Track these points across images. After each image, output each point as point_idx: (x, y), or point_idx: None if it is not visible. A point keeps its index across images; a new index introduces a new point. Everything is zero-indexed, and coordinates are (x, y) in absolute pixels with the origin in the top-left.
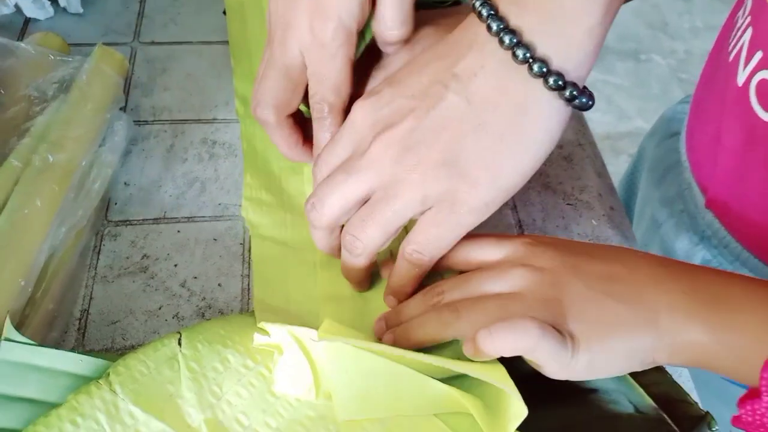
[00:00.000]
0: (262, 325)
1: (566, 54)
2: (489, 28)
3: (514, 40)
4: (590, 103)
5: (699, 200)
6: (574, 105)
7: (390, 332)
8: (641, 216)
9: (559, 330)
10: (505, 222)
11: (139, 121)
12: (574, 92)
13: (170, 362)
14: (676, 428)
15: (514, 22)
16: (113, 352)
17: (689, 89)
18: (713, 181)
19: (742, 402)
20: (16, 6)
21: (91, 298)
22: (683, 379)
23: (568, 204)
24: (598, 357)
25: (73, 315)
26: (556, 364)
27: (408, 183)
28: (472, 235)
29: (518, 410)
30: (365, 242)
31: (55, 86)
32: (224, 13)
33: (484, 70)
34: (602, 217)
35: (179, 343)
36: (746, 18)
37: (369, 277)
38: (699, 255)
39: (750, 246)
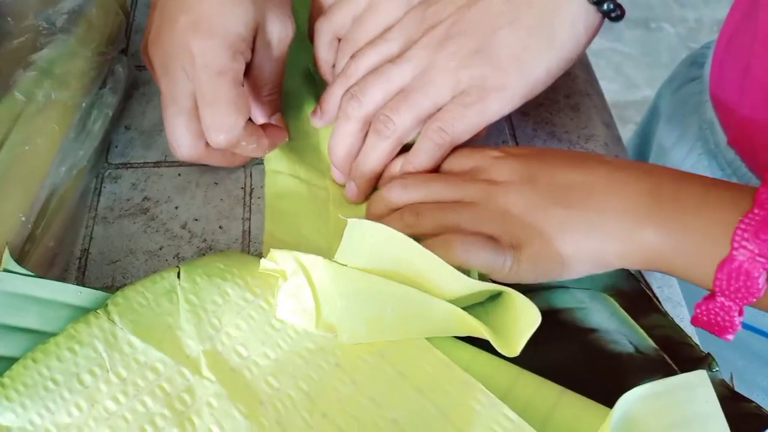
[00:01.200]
0: (271, 251)
1: None
2: None
3: None
4: (618, 11)
5: (721, 138)
6: (602, 11)
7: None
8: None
9: (502, 239)
10: None
11: (140, 66)
12: None
13: (169, 295)
14: (676, 368)
15: None
16: (113, 290)
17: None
18: (737, 117)
19: (698, 303)
20: None
21: (91, 237)
22: (685, 323)
23: None
24: (542, 262)
25: (73, 254)
26: (496, 272)
27: (444, 69)
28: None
29: (531, 318)
30: (397, 124)
31: (63, 17)
32: None
33: None
34: None
35: (178, 276)
36: None
37: (376, 179)
38: None
39: None
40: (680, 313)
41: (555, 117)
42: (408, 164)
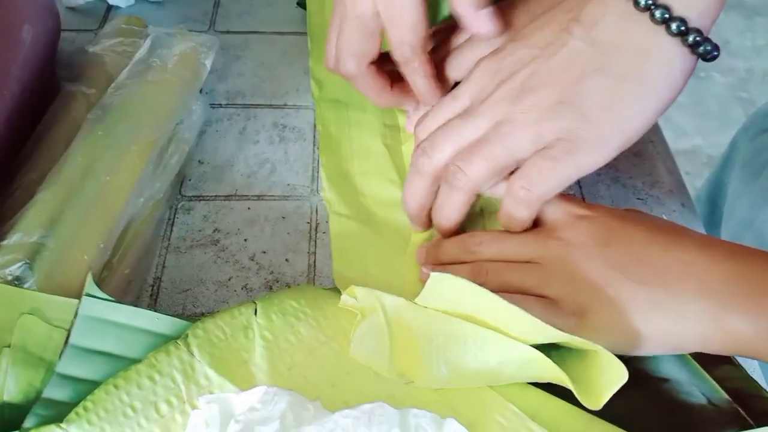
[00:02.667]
0: (351, 287)
1: (689, 2)
2: None
3: None
4: (715, 52)
5: None
6: (697, 53)
7: (428, 270)
8: (731, 213)
9: (565, 305)
10: None
11: (214, 104)
12: (698, 38)
13: (245, 330)
14: (751, 421)
15: None
16: (186, 317)
17: (749, 109)
18: None
19: None
20: None
21: (164, 266)
22: (756, 374)
23: (638, 199)
24: (607, 335)
25: (146, 282)
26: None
27: (523, 121)
28: None
29: (617, 374)
30: (470, 175)
31: (146, 71)
32: (297, 4)
33: (605, 18)
34: (673, 212)
35: (255, 313)
36: None
37: (455, 230)
38: None
39: None
40: (752, 365)
41: (619, 162)
42: (492, 241)
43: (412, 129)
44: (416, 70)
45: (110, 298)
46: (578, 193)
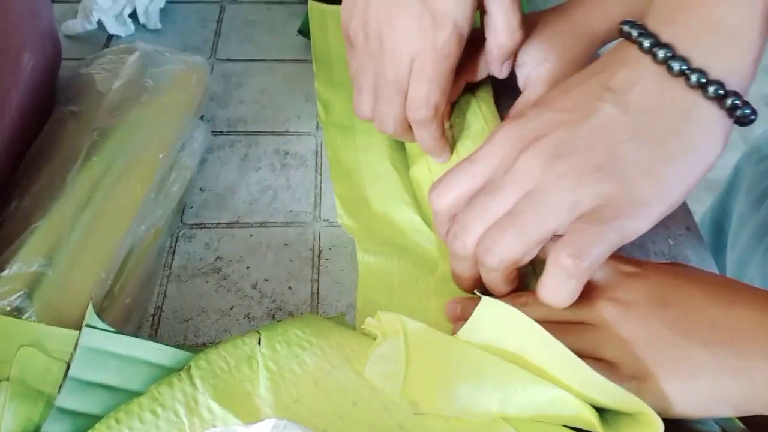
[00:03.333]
0: (379, 313)
1: (725, 65)
2: (640, 45)
3: (669, 54)
4: (753, 116)
5: None
6: (735, 116)
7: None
8: (737, 237)
9: (623, 368)
10: None
11: (216, 131)
12: (736, 101)
13: (249, 361)
14: None
15: (666, 38)
16: (187, 347)
17: (747, 134)
18: None
19: None
20: (99, 22)
21: (165, 296)
22: None
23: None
24: (670, 401)
25: (147, 311)
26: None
27: (557, 188)
28: None
29: (653, 428)
30: (501, 253)
31: (140, 92)
32: (298, 32)
33: (640, 83)
34: (678, 236)
35: (259, 343)
36: None
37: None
38: None
39: None
40: None
41: None
42: (540, 302)
43: None
44: (432, 131)
45: (111, 328)
46: None
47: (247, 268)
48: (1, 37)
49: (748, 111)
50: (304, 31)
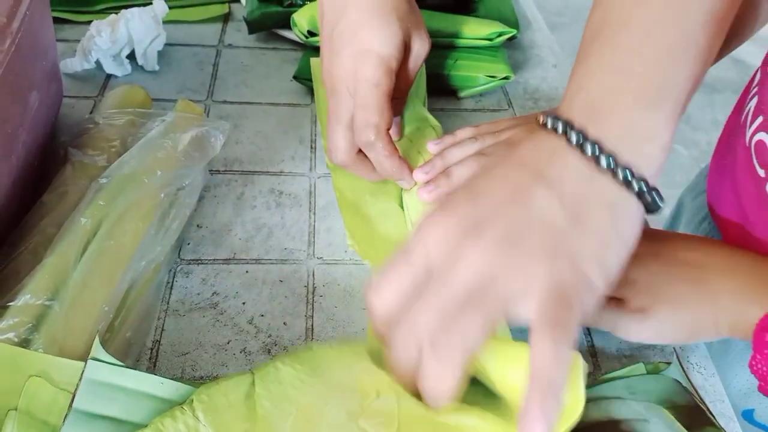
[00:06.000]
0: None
1: (644, 164)
2: (569, 140)
3: (597, 150)
4: (662, 205)
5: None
6: (648, 208)
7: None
8: None
9: (631, 303)
10: None
11: (213, 170)
12: (654, 196)
13: (247, 399)
14: None
15: (593, 134)
16: (187, 381)
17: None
18: (729, 228)
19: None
20: (97, 62)
21: (163, 329)
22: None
23: None
24: (665, 326)
25: (145, 345)
26: (622, 331)
27: (516, 276)
28: None
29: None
30: (465, 342)
31: (156, 150)
32: (294, 78)
33: (570, 175)
34: None
35: (253, 383)
36: (755, 88)
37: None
38: None
39: None
40: (734, 429)
41: None
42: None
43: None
44: (379, 150)
45: (116, 361)
46: None
47: (243, 303)
48: (13, 78)
49: (660, 203)
50: (300, 78)
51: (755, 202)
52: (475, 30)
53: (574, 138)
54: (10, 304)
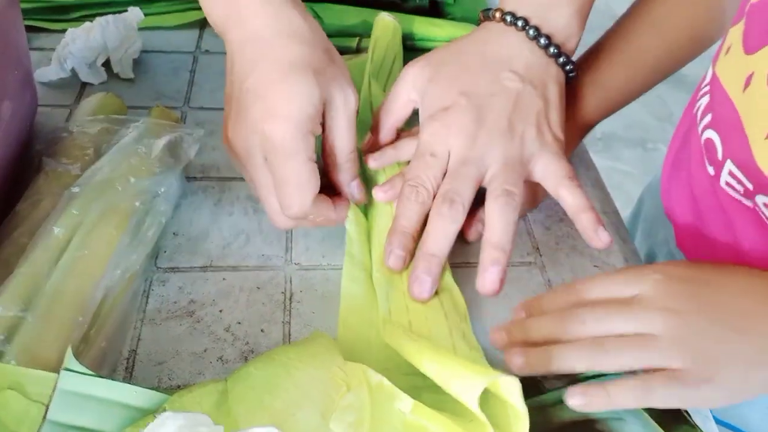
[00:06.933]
0: (344, 362)
1: (562, 32)
2: (517, 26)
3: (536, 32)
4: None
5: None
6: (558, 63)
7: (521, 353)
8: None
9: (691, 373)
10: (535, 281)
11: (189, 177)
12: (554, 50)
13: (219, 406)
14: None
15: (534, 21)
16: (162, 390)
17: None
18: (682, 223)
19: None
20: (73, 70)
21: (139, 339)
22: None
23: (595, 266)
24: (735, 391)
25: (122, 354)
26: (691, 405)
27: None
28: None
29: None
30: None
31: (130, 156)
32: None
33: (528, 61)
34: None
35: (226, 390)
36: (706, 86)
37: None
38: None
39: None
40: (710, 428)
41: (575, 232)
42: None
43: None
44: (313, 221)
45: (89, 371)
46: (539, 261)
47: (220, 311)
48: None
49: (570, 67)
50: None
51: (707, 198)
52: (450, 32)
53: (521, 24)
54: None
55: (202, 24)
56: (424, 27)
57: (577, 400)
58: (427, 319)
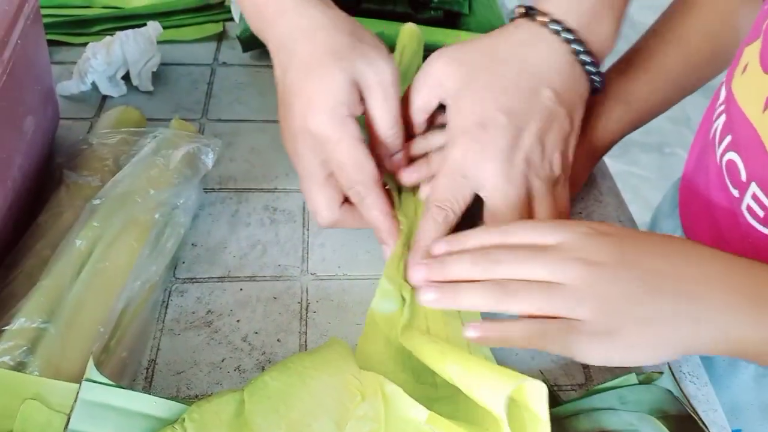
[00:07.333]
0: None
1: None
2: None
3: (570, 36)
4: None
5: None
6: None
7: (435, 288)
8: None
9: (597, 325)
10: None
11: (207, 188)
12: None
13: (238, 416)
14: None
15: (570, 22)
16: (181, 400)
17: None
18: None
19: None
20: (93, 84)
21: (158, 349)
22: None
23: None
24: (636, 349)
25: (141, 364)
26: (589, 358)
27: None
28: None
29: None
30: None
31: (149, 168)
32: None
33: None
34: None
35: (244, 400)
36: (721, 105)
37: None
38: None
39: None
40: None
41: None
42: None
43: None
44: (371, 206)
45: (110, 382)
46: None
47: (237, 321)
48: (7, 104)
49: (599, 79)
50: None
51: (729, 221)
52: None
53: (576, 46)
54: (5, 327)
55: (220, 37)
56: (442, 38)
57: (472, 333)
58: (445, 324)
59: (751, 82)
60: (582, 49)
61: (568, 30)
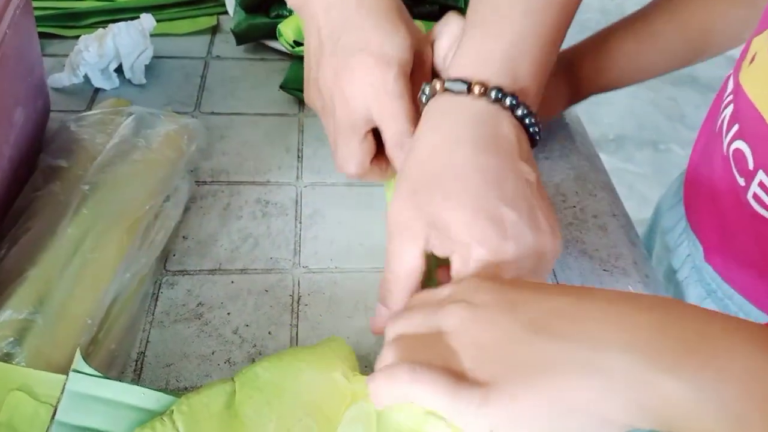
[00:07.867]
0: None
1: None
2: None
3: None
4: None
5: (702, 255)
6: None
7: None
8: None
9: (469, 375)
10: None
11: (199, 181)
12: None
13: (228, 408)
14: None
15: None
16: (170, 391)
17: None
18: (709, 238)
19: None
20: (86, 76)
21: (148, 341)
22: None
23: (604, 270)
24: (517, 408)
25: (130, 356)
26: (457, 414)
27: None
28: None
29: None
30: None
31: (131, 150)
32: (280, 88)
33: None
34: (638, 283)
35: (234, 392)
36: (729, 96)
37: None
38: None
39: (749, 297)
40: None
41: (585, 236)
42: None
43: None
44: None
45: (97, 373)
46: None
47: (228, 313)
48: None
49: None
50: (287, 88)
51: (735, 211)
52: None
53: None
54: None
55: (214, 30)
56: None
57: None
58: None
59: (759, 72)
60: (525, 112)
61: (508, 95)
